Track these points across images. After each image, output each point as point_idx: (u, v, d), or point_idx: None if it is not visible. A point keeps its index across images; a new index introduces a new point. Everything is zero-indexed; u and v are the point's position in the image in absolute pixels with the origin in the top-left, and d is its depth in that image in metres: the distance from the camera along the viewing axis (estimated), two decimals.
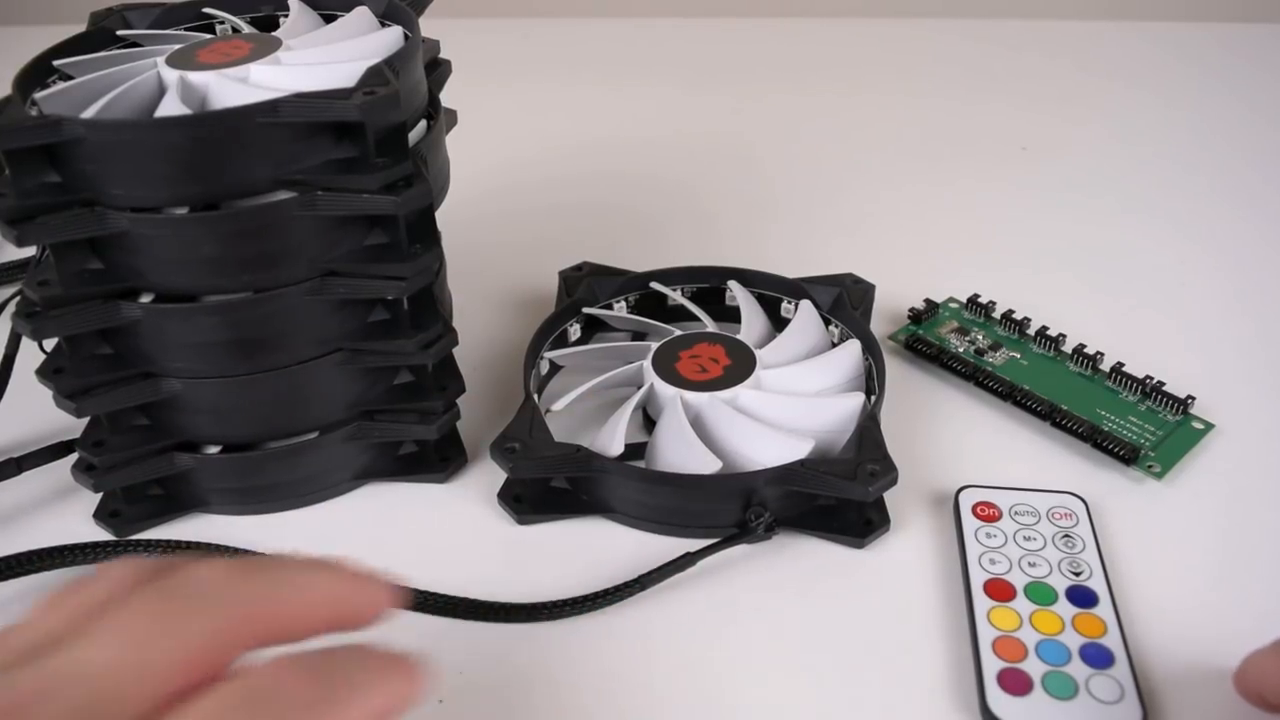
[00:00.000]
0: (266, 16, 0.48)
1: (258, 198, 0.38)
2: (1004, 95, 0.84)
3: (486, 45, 0.94)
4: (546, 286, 0.54)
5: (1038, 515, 0.42)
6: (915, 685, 0.37)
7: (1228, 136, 0.76)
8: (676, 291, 0.53)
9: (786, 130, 0.79)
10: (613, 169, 0.74)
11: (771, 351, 0.48)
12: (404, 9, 0.45)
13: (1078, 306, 0.56)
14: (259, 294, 0.39)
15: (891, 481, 0.41)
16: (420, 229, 0.41)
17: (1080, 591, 0.39)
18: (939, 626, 0.39)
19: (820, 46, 0.95)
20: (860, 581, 0.41)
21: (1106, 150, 0.75)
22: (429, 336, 0.42)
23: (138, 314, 0.39)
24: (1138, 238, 0.63)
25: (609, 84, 0.88)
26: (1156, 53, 0.91)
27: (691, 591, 0.41)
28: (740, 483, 0.41)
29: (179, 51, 0.42)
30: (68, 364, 0.41)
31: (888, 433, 0.43)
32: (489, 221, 0.65)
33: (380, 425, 0.44)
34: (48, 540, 0.42)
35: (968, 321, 0.54)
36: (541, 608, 0.39)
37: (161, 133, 0.36)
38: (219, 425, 0.43)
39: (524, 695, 0.37)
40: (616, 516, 0.44)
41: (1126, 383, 0.49)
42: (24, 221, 0.36)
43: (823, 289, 0.51)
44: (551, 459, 0.42)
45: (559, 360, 0.50)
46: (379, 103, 0.36)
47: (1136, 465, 0.45)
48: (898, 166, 0.73)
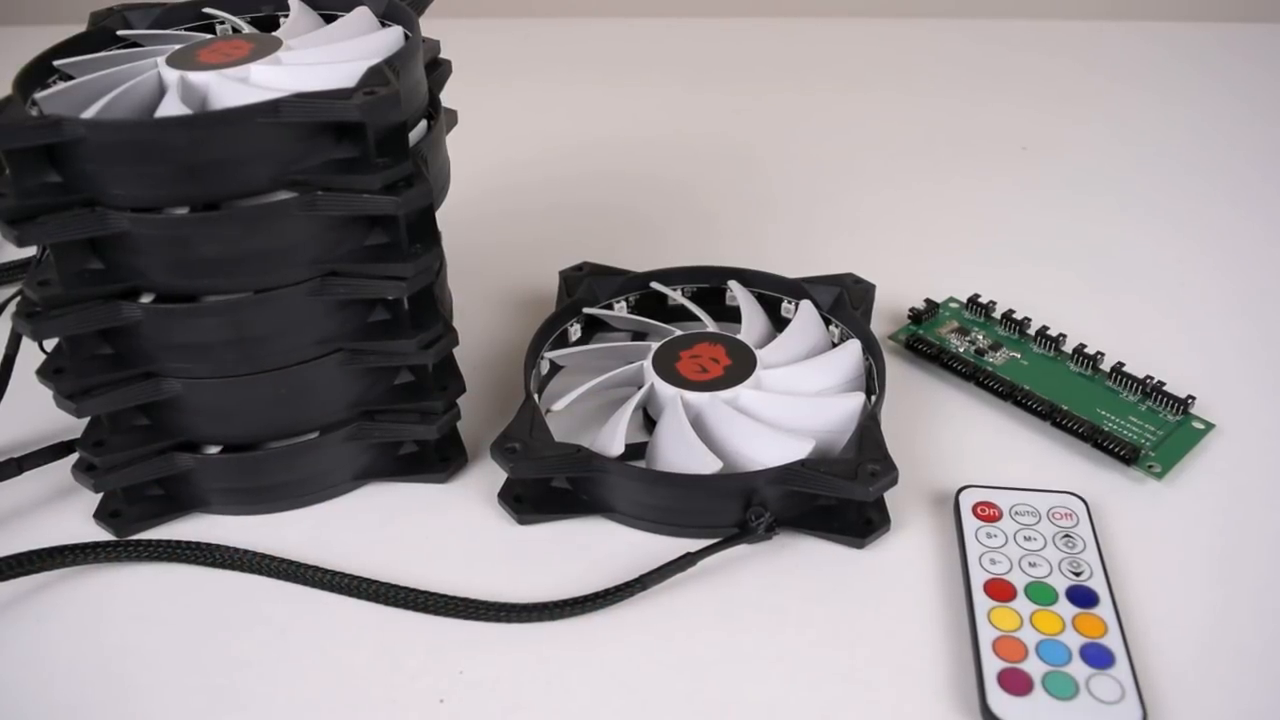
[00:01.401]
0: (266, 16, 0.48)
1: (258, 198, 0.38)
2: (1004, 95, 0.84)
3: (486, 45, 0.94)
4: (546, 286, 0.54)
5: (1038, 515, 0.42)
6: (915, 685, 0.37)
7: (1228, 136, 0.76)
8: (676, 291, 0.53)
9: (786, 130, 0.79)
10: (613, 169, 0.74)
11: (772, 351, 0.48)
12: (404, 9, 0.45)
13: (1078, 306, 0.56)
14: (259, 294, 0.39)
15: (892, 481, 0.41)
16: (420, 229, 0.41)
17: (1080, 591, 0.39)
18: (939, 626, 0.39)
19: (820, 46, 0.95)
20: (860, 581, 0.41)
21: (1106, 150, 0.75)
22: (429, 336, 0.42)
23: (138, 314, 0.39)
24: (1138, 237, 0.63)
25: (609, 84, 0.88)
26: (1156, 53, 0.91)
27: (692, 591, 0.41)
28: (740, 483, 0.41)
29: (179, 51, 0.42)
30: (68, 364, 0.41)
31: (888, 433, 0.43)
32: (489, 221, 0.65)
33: (380, 425, 0.44)
34: (48, 540, 0.42)
35: (968, 321, 0.54)
36: (541, 608, 0.39)
37: (162, 133, 0.36)
38: (219, 425, 0.43)
39: (524, 695, 0.37)
40: (617, 516, 0.44)
41: (1126, 383, 0.49)
42: (24, 221, 0.36)
43: (823, 289, 0.51)
44: (552, 459, 0.42)
45: (559, 360, 0.50)
46: (379, 103, 0.36)
47: (1137, 465, 0.45)
48: (898, 166, 0.73)
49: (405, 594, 0.40)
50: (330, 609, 0.41)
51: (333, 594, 0.41)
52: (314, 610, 0.41)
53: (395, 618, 0.40)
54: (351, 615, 0.40)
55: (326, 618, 0.40)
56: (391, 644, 0.39)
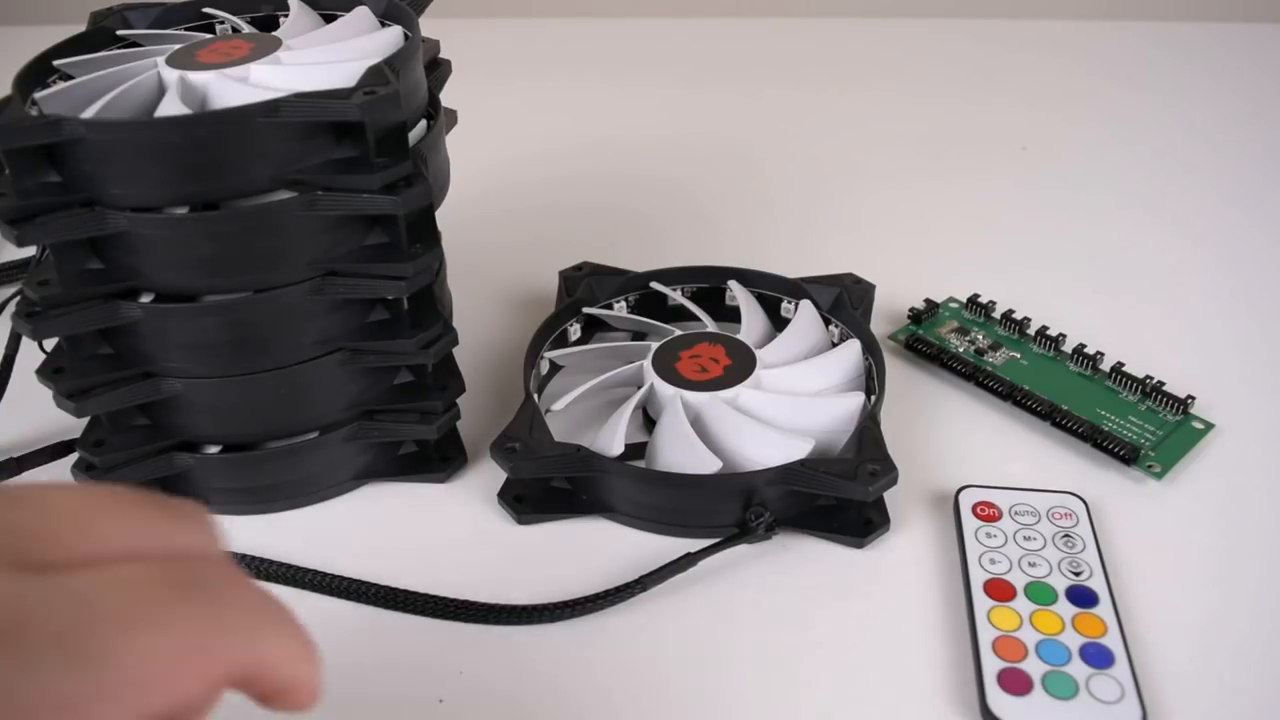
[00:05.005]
0: (266, 16, 0.48)
1: (258, 198, 0.38)
2: (1004, 95, 0.84)
3: (486, 45, 0.94)
4: (546, 286, 0.54)
5: (1038, 515, 0.42)
6: (915, 685, 0.37)
7: (1227, 136, 0.76)
8: (676, 291, 0.53)
9: (786, 130, 0.79)
10: (613, 169, 0.74)
11: (771, 351, 0.48)
12: (404, 9, 0.45)
13: (1078, 306, 0.56)
14: (259, 294, 0.39)
15: (891, 481, 0.41)
16: (420, 229, 0.41)
17: (1080, 591, 0.39)
18: (939, 626, 0.39)
19: (820, 46, 0.95)
20: (860, 581, 0.41)
21: (1106, 150, 0.75)
22: (429, 336, 0.42)
23: (138, 314, 0.39)
24: (1138, 237, 0.63)
25: (609, 84, 0.88)
26: (1156, 53, 0.91)
27: (692, 592, 0.41)
28: (740, 483, 0.41)
29: (179, 51, 0.42)
30: (68, 364, 0.41)
31: (888, 433, 0.43)
32: (489, 221, 0.65)
33: (380, 425, 0.44)
34: None
35: (968, 321, 0.54)
36: (542, 609, 0.39)
37: (161, 133, 0.36)
38: (219, 425, 0.43)
39: (524, 696, 0.37)
40: (617, 516, 0.44)
41: (1126, 382, 0.49)
42: (24, 221, 0.36)
43: (823, 289, 0.51)
44: (551, 459, 0.42)
45: (559, 360, 0.50)
46: (379, 103, 0.36)
47: (1136, 465, 0.45)
48: (898, 166, 0.73)
49: (404, 596, 0.40)
50: (329, 609, 0.40)
51: (331, 597, 0.41)
52: (312, 609, 0.40)
53: (394, 617, 0.40)
54: (350, 615, 0.40)
55: (325, 617, 0.40)
56: (390, 644, 0.39)
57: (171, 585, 0.20)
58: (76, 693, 0.18)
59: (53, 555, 0.20)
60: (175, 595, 0.20)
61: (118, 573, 0.20)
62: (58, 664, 0.18)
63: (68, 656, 0.18)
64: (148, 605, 0.20)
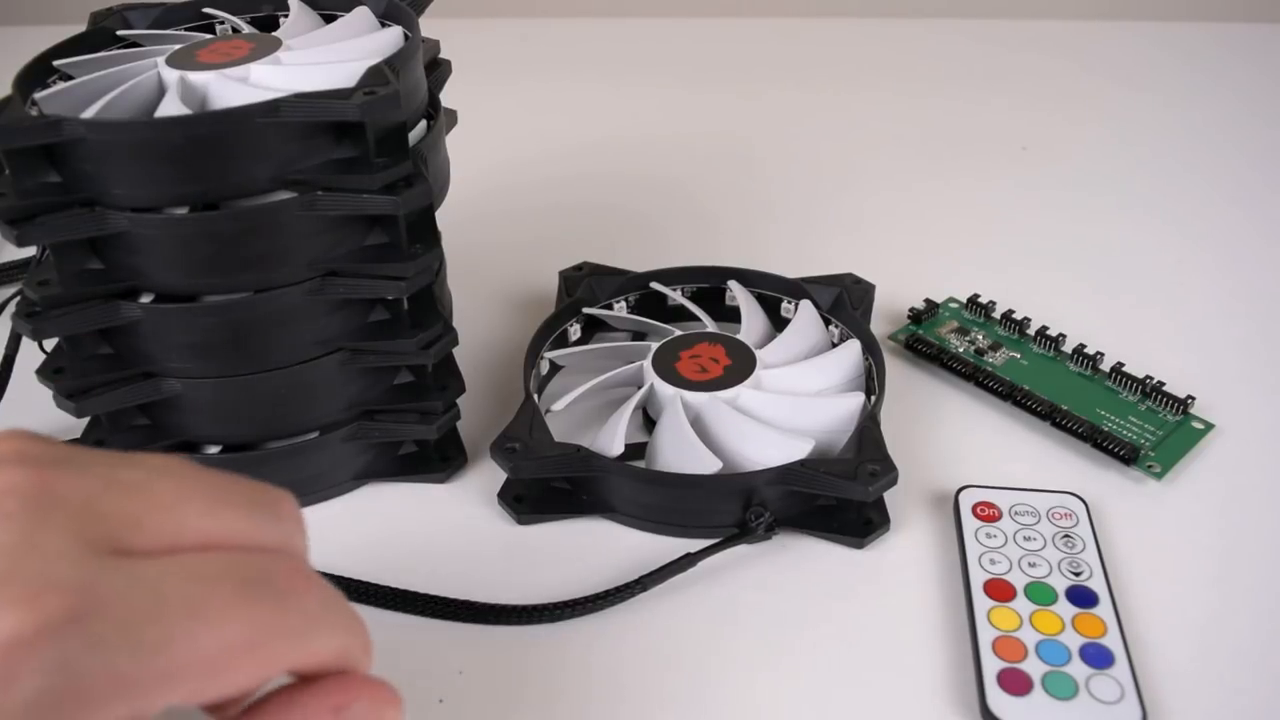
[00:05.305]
0: (266, 16, 0.48)
1: (258, 198, 0.38)
2: (1004, 95, 0.84)
3: (486, 45, 0.94)
4: (546, 286, 0.54)
5: (1038, 515, 0.42)
6: (915, 685, 0.37)
7: (1227, 136, 0.76)
8: (676, 291, 0.53)
9: (786, 130, 0.79)
10: (613, 169, 0.74)
11: (771, 351, 0.48)
12: (404, 9, 0.45)
13: (1078, 306, 0.56)
14: (259, 294, 0.39)
15: (891, 481, 0.41)
16: (420, 229, 0.41)
17: (1080, 591, 0.39)
18: (939, 626, 0.39)
19: (820, 46, 0.95)
20: (860, 581, 0.41)
21: (1106, 150, 0.75)
22: (429, 336, 0.42)
23: (138, 314, 0.39)
24: (1138, 237, 0.63)
25: (609, 84, 0.88)
26: (1156, 53, 0.91)
27: (692, 592, 0.41)
28: (740, 483, 0.41)
29: (179, 51, 0.42)
30: (68, 364, 0.41)
31: (888, 433, 0.43)
32: (489, 221, 0.65)
33: (380, 425, 0.44)
34: None
35: (968, 321, 0.54)
36: (542, 609, 0.39)
37: (161, 133, 0.36)
38: (219, 425, 0.43)
39: (524, 696, 0.37)
40: (617, 516, 0.44)
41: (1126, 383, 0.49)
42: (24, 221, 0.36)
43: (823, 289, 0.51)
44: (551, 459, 0.42)
45: (559, 360, 0.50)
46: (379, 103, 0.36)
47: (1136, 465, 0.45)
48: (898, 166, 0.73)
49: (404, 596, 0.40)
50: None
51: None
52: None
53: (394, 617, 0.40)
54: None
55: None
56: (390, 643, 0.39)
57: (240, 581, 0.22)
58: (134, 674, 0.20)
59: (139, 543, 0.22)
60: (241, 592, 0.22)
61: (192, 564, 0.22)
62: (120, 646, 0.20)
63: (129, 640, 0.20)
64: (213, 600, 0.21)
